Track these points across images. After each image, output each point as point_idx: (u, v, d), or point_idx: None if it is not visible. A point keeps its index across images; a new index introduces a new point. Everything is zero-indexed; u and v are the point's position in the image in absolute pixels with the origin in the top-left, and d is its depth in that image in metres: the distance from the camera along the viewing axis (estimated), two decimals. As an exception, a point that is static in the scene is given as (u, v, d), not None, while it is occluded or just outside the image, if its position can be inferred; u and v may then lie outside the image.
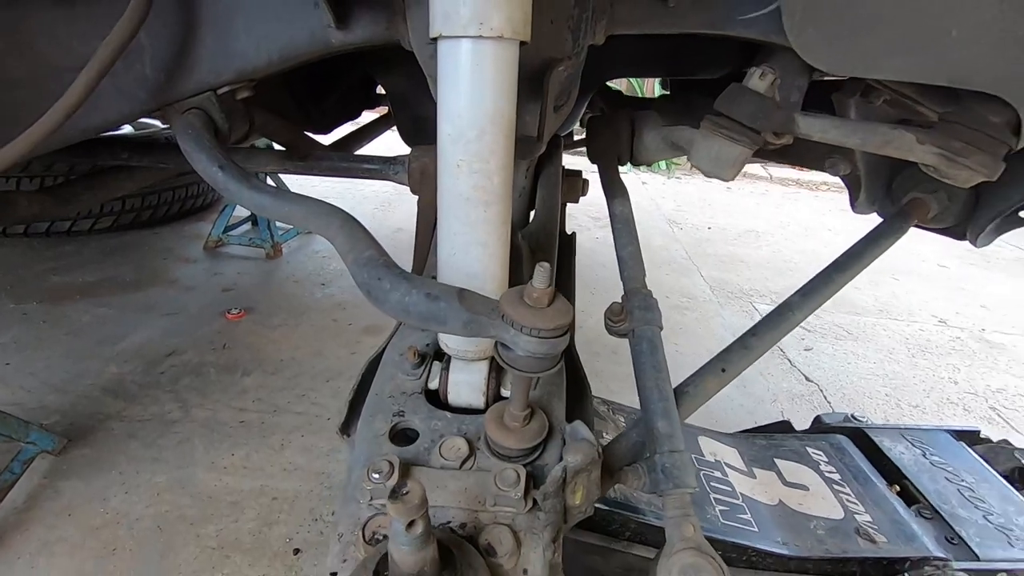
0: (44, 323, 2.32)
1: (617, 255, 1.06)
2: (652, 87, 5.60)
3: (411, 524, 0.53)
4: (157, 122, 3.43)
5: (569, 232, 1.37)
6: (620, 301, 0.99)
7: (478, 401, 0.86)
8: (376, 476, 0.70)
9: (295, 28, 0.95)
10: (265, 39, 0.96)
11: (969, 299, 3.48)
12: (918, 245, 3.68)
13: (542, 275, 0.64)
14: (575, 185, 1.34)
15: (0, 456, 1.55)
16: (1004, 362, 2.75)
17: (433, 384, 0.88)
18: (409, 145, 1.72)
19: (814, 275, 1.13)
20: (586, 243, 3.69)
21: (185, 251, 3.12)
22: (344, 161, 1.42)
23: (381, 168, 1.38)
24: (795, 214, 4.97)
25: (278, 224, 3.20)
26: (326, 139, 1.73)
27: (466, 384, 0.86)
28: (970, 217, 1.24)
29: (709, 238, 4.15)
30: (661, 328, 0.98)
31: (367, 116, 2.16)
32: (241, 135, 1.15)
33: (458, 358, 0.86)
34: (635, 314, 0.97)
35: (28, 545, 1.41)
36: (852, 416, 1.64)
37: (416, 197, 1.44)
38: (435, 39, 0.73)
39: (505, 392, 0.87)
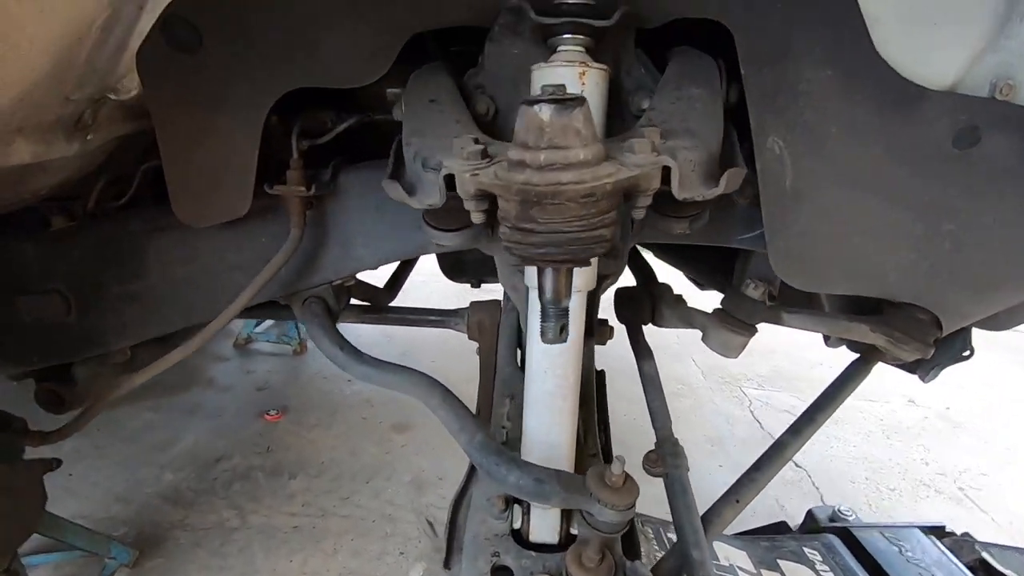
0: (98, 431, 2.50)
1: (648, 407, 1.34)
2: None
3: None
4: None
5: (599, 369, 1.66)
6: (655, 449, 1.27)
7: (553, 539, 1.11)
8: (488, 607, 0.93)
9: (402, 242, 1.25)
10: (378, 248, 1.26)
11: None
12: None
13: (619, 465, 0.91)
14: (604, 332, 1.65)
15: (87, 570, 1.72)
16: (967, 442, 3.06)
17: (516, 525, 1.12)
18: (449, 278, 2.03)
19: (800, 415, 1.43)
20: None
21: (216, 349, 3.34)
22: (412, 313, 1.70)
23: (443, 319, 1.66)
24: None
25: (303, 320, 3.44)
26: (374, 275, 2.00)
27: (545, 526, 1.11)
28: (919, 362, 1.56)
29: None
30: (688, 470, 1.26)
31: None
32: (343, 308, 1.43)
33: (537, 505, 1.11)
34: (667, 460, 1.24)
35: (120, 658, 1.57)
36: (839, 511, 1.91)
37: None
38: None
39: (573, 531, 1.12)
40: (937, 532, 1.76)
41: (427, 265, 2.13)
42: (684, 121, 0.79)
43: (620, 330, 1.58)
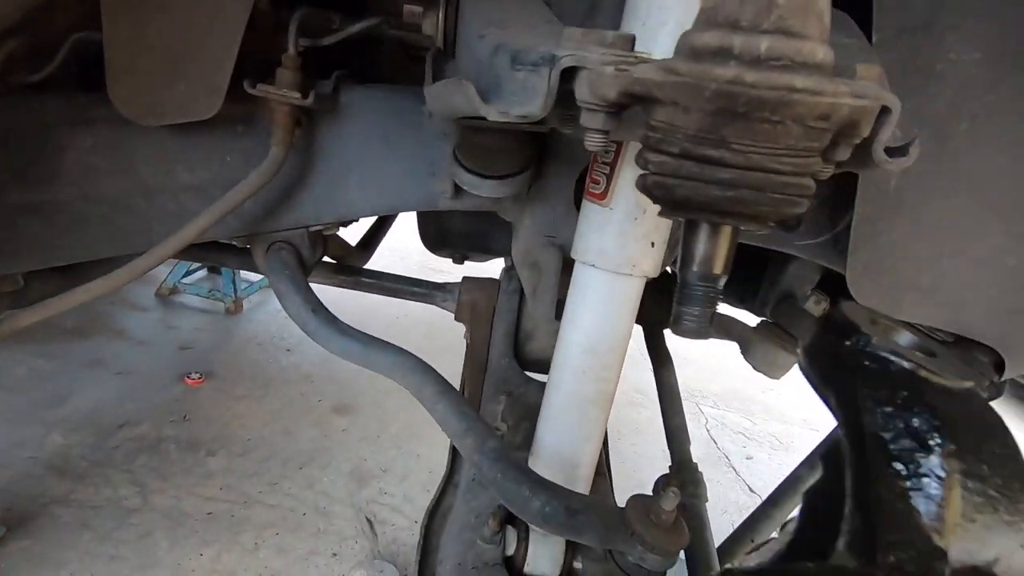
0: (-30, 374, 2.07)
1: (665, 424, 1.17)
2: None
3: None
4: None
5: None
6: (669, 474, 1.10)
7: (554, 573, 0.91)
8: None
9: (408, 190, 1.01)
10: (375, 194, 1.01)
11: (872, 413, 3.94)
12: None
13: (672, 499, 0.72)
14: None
15: (-71, 552, 1.35)
16: (905, 481, 3.13)
17: (509, 551, 0.92)
18: (430, 249, 1.78)
19: (816, 446, 1.30)
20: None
21: (135, 296, 2.89)
22: (392, 282, 1.45)
23: (429, 293, 1.42)
24: (730, 312, 5.43)
25: (242, 275, 3.06)
26: (348, 231, 1.73)
27: (545, 557, 0.91)
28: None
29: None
30: (707, 500, 1.09)
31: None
32: (317, 262, 1.16)
33: (538, 530, 0.91)
34: (686, 487, 1.07)
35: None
36: (806, 545, 1.83)
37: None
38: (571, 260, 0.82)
39: (576, 564, 0.93)
40: None
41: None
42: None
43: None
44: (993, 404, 1.56)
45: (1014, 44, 0.72)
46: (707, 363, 3.95)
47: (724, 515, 2.42)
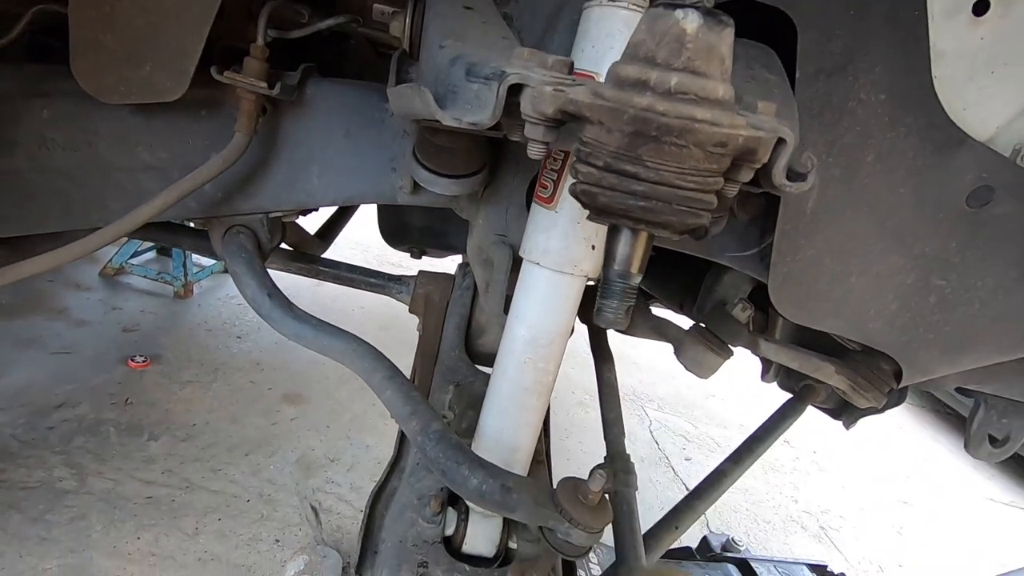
0: None
1: (603, 417, 1.25)
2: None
3: None
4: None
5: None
6: (603, 464, 1.17)
7: (490, 552, 0.97)
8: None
9: (367, 183, 1.05)
10: (335, 185, 1.05)
11: (805, 419, 4.18)
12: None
13: (599, 481, 0.79)
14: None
15: None
16: (829, 485, 3.35)
17: (448, 531, 0.97)
18: (389, 243, 1.81)
19: (739, 444, 1.41)
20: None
21: (77, 275, 2.78)
22: (348, 271, 1.47)
23: (385, 284, 1.45)
24: (677, 320, 5.63)
25: (194, 259, 3.00)
26: (307, 220, 1.75)
27: (483, 536, 0.97)
28: (845, 409, 1.62)
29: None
30: (636, 489, 1.17)
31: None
32: (275, 248, 1.18)
33: (478, 512, 0.97)
34: (618, 476, 1.14)
35: None
36: (732, 540, 1.96)
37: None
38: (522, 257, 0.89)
39: (512, 544, 0.99)
40: (820, 571, 1.85)
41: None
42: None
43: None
44: (899, 411, 1.69)
45: (911, 89, 0.82)
46: (654, 369, 4.10)
47: (662, 511, 2.53)
